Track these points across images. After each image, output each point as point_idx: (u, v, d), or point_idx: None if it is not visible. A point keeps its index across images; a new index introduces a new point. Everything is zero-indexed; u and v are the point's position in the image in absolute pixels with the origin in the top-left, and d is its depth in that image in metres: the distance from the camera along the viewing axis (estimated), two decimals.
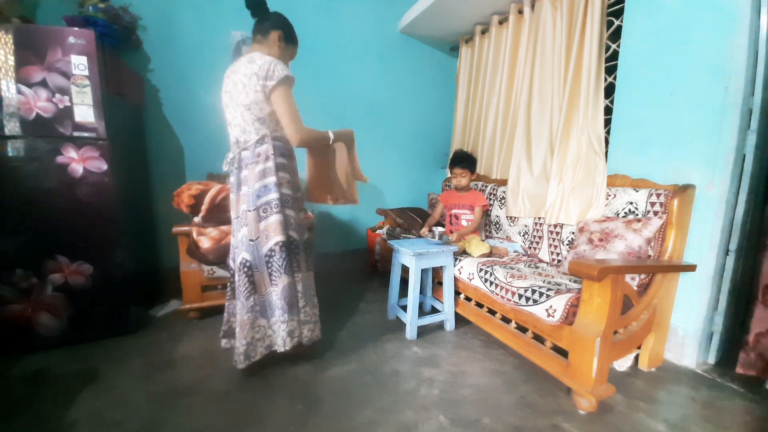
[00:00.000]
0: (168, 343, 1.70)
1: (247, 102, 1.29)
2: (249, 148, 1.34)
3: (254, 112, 1.31)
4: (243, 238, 1.37)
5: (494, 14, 2.55)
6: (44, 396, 1.31)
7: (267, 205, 1.35)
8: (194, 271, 1.89)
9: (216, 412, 1.24)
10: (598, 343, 1.20)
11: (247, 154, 1.35)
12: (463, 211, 2.22)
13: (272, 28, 1.37)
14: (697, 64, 1.50)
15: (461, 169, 2.19)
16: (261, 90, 1.27)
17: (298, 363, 1.52)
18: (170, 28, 2.32)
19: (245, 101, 1.29)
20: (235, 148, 1.38)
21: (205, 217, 1.84)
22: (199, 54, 2.41)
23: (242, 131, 1.35)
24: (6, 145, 1.49)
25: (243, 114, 1.32)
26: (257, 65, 1.25)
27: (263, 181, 1.35)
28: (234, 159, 1.38)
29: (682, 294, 1.56)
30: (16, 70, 1.46)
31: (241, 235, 1.38)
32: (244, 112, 1.31)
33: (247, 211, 1.36)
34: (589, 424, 1.21)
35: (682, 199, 1.46)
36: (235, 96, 1.31)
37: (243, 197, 1.37)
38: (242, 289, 1.36)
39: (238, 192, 1.39)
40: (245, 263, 1.36)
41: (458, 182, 2.21)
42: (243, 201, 1.37)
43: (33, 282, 1.58)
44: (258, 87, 1.26)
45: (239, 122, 1.34)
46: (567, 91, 1.95)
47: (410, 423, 1.19)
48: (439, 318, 1.90)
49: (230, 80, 1.34)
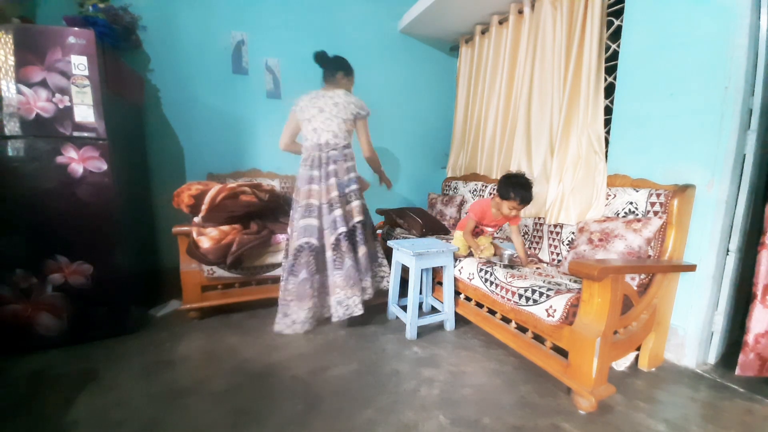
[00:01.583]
0: (168, 343, 1.70)
1: (345, 117, 1.82)
2: (338, 149, 1.84)
3: (348, 125, 1.85)
4: (338, 217, 1.79)
5: (494, 14, 2.55)
6: (44, 396, 1.31)
7: (352, 193, 1.87)
8: (194, 271, 1.89)
9: (216, 412, 1.24)
10: (598, 343, 1.20)
11: (335, 153, 1.84)
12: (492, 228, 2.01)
13: (336, 70, 1.90)
14: (697, 64, 1.50)
15: (523, 204, 1.77)
16: (355, 114, 1.85)
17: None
18: (170, 28, 2.32)
19: (344, 116, 1.82)
20: (317, 149, 1.83)
21: (205, 217, 1.84)
22: (199, 54, 2.41)
23: (334, 136, 1.83)
24: (6, 145, 1.49)
25: (339, 125, 1.83)
26: (354, 99, 1.85)
27: (349, 175, 1.87)
28: (317, 157, 1.82)
29: (682, 294, 1.56)
30: (16, 70, 1.46)
31: (335, 215, 1.79)
32: (340, 123, 1.83)
33: (339, 197, 1.81)
34: (589, 424, 1.21)
35: (682, 199, 1.46)
36: (335, 112, 1.81)
37: (331, 187, 1.81)
38: (346, 252, 1.78)
39: (326, 182, 1.81)
40: (344, 234, 1.78)
41: (513, 215, 1.81)
42: (333, 189, 1.81)
43: (33, 282, 1.57)
44: (354, 111, 1.84)
45: (334, 129, 1.82)
46: (567, 91, 1.95)
47: (410, 423, 1.19)
48: (439, 318, 1.90)
49: (320, 102, 1.83)
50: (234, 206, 1.88)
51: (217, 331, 1.85)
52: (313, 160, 1.83)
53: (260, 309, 2.10)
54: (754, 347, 1.38)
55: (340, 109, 1.81)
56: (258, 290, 2.07)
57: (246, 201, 1.92)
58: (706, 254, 1.50)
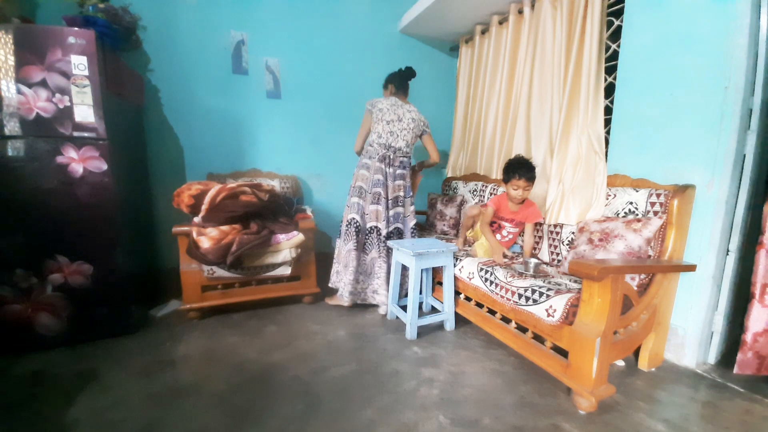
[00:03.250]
0: (168, 343, 1.70)
1: (416, 133, 2.12)
2: (407, 157, 2.14)
3: (414, 140, 2.14)
4: (397, 214, 2.09)
5: (494, 14, 2.55)
6: (44, 396, 1.31)
7: (410, 197, 2.16)
8: (194, 271, 1.89)
9: (216, 412, 1.24)
10: (598, 343, 1.20)
11: (405, 160, 2.13)
12: (510, 225, 1.99)
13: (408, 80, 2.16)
14: (697, 64, 1.50)
15: (528, 182, 1.80)
16: (422, 130, 2.15)
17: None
18: (170, 28, 2.32)
19: (417, 132, 2.11)
20: (390, 150, 2.05)
21: (205, 217, 1.84)
22: (198, 54, 2.41)
23: (407, 145, 2.10)
24: (6, 145, 1.49)
25: (412, 138, 2.11)
26: (422, 117, 2.13)
27: (408, 182, 2.16)
28: (390, 156, 2.05)
29: (682, 294, 1.56)
30: (16, 70, 1.46)
31: (395, 212, 2.08)
32: (413, 137, 2.11)
33: (405, 198, 2.12)
34: (589, 424, 1.21)
35: (682, 199, 1.46)
36: (412, 126, 2.07)
37: (398, 186, 2.09)
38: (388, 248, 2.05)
39: (393, 182, 2.07)
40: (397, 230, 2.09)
41: (520, 196, 1.84)
42: (400, 189, 2.09)
43: (33, 282, 1.57)
44: (422, 128, 2.14)
45: (408, 140, 2.09)
46: (567, 91, 1.95)
47: (410, 423, 1.20)
48: (439, 318, 1.90)
49: (399, 111, 2.05)
50: (234, 206, 1.88)
51: (217, 331, 1.85)
52: (385, 158, 2.05)
53: (260, 309, 2.10)
54: (752, 346, 1.38)
55: (416, 124, 2.08)
56: (258, 290, 2.07)
57: (246, 201, 1.92)
58: (706, 254, 1.50)
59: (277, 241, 1.98)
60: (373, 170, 2.05)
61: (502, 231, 2.03)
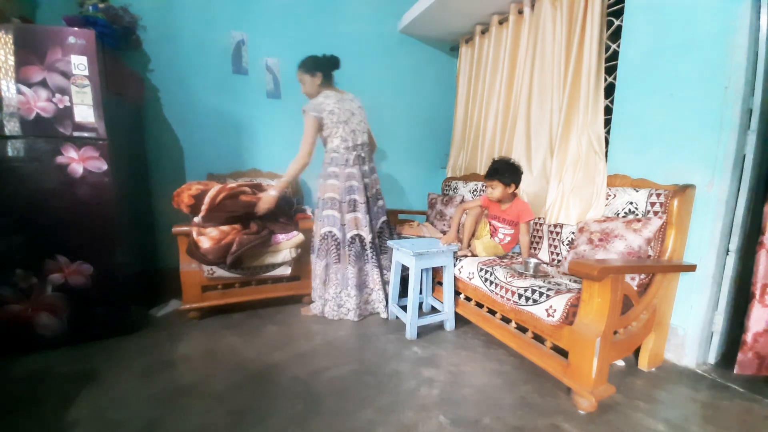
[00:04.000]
0: (168, 343, 1.70)
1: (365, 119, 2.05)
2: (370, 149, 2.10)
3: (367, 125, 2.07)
4: (379, 208, 2.10)
5: (494, 14, 2.55)
6: (44, 396, 1.31)
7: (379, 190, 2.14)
8: (194, 271, 1.89)
9: (216, 412, 1.24)
10: (598, 343, 1.20)
11: (370, 153, 2.10)
12: (503, 225, 2.00)
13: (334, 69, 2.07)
14: (697, 64, 1.50)
15: (491, 181, 1.92)
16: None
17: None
18: (170, 28, 2.32)
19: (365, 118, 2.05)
20: (353, 150, 1.97)
21: (205, 217, 1.84)
22: (199, 54, 2.41)
23: (367, 135, 2.06)
24: (6, 145, 1.49)
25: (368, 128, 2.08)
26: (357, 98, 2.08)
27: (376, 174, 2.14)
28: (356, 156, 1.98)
29: (682, 294, 1.56)
30: (16, 70, 1.46)
31: (378, 206, 2.09)
32: (368, 127, 2.07)
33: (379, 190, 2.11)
34: (589, 424, 1.21)
35: (682, 199, 1.46)
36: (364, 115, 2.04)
37: (376, 180, 2.10)
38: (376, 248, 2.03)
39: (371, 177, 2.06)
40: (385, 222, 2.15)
41: (491, 194, 1.95)
42: (377, 182, 2.11)
43: (33, 282, 1.57)
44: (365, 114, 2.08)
45: (367, 129, 2.06)
46: (567, 91, 1.95)
47: (410, 423, 1.19)
48: (439, 318, 1.90)
49: (347, 105, 1.96)
50: (234, 206, 1.88)
51: (217, 331, 1.85)
52: (358, 158, 1.99)
53: (260, 309, 2.10)
54: (752, 346, 1.38)
55: (363, 113, 2.04)
56: (258, 290, 2.07)
57: (246, 201, 1.92)
58: (706, 254, 1.50)
59: (277, 241, 1.98)
60: (343, 178, 1.95)
61: (497, 234, 2.03)
